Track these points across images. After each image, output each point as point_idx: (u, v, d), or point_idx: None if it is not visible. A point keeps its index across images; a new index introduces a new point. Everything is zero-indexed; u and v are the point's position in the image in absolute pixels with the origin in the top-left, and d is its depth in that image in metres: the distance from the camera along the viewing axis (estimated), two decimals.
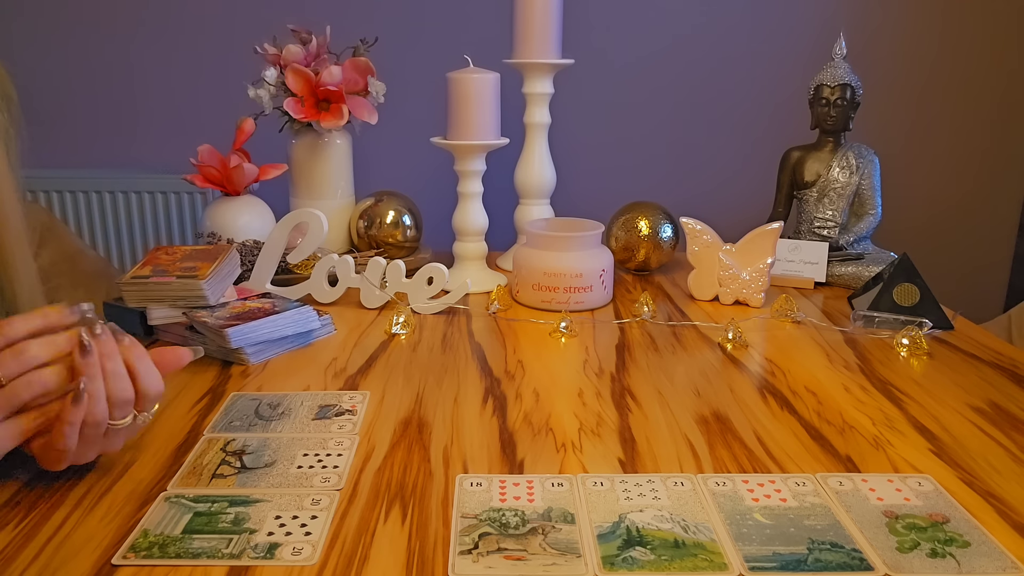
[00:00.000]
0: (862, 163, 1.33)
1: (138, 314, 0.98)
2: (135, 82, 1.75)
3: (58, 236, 1.25)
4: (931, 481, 0.67)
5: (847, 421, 0.78)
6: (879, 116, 1.74)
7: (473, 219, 1.21)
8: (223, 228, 1.21)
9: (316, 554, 0.56)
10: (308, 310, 0.98)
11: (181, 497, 0.63)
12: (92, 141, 1.78)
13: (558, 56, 1.27)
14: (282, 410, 0.79)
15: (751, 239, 1.16)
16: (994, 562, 0.55)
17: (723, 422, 0.78)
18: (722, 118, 1.77)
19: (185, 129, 1.77)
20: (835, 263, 1.28)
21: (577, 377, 0.89)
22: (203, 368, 0.91)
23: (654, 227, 1.30)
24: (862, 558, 0.56)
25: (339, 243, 1.33)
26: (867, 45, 1.70)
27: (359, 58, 1.27)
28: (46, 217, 1.26)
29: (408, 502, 0.63)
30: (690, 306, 1.17)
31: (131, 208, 1.76)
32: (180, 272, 0.96)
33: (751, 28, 1.72)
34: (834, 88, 1.31)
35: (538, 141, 1.32)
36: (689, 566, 0.55)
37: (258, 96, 1.26)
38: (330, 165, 1.30)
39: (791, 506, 0.62)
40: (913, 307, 1.07)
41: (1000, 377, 0.91)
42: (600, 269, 1.14)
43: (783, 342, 1.02)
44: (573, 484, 0.65)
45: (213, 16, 1.72)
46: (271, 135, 1.33)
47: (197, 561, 0.54)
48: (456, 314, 1.11)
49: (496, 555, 0.56)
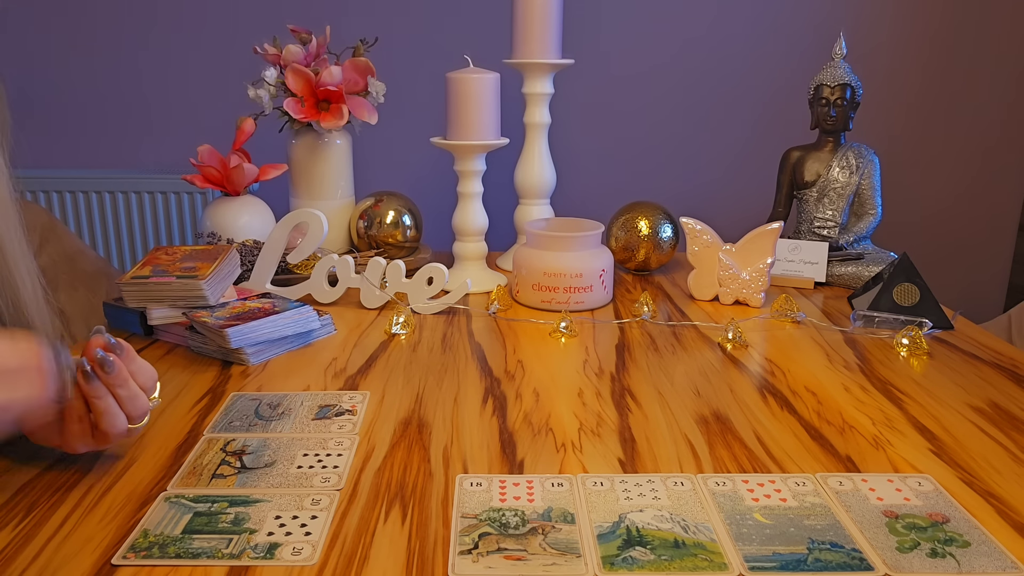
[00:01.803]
0: (862, 163, 1.33)
1: (138, 314, 0.98)
2: (135, 82, 1.75)
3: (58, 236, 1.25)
4: (931, 481, 0.66)
5: (847, 421, 0.78)
6: (879, 116, 1.74)
7: (473, 219, 1.21)
8: (223, 228, 1.21)
9: (316, 554, 0.56)
10: (308, 310, 0.98)
11: (181, 497, 0.63)
12: (92, 141, 1.79)
13: (558, 56, 1.27)
14: (282, 410, 0.79)
15: (751, 239, 1.16)
16: (994, 562, 0.55)
17: (723, 422, 0.78)
18: (722, 118, 1.77)
19: (185, 129, 1.77)
20: (835, 263, 1.28)
21: (577, 377, 0.89)
22: (203, 368, 0.91)
23: (654, 227, 1.30)
24: (862, 558, 0.56)
25: (339, 243, 1.33)
26: (867, 45, 1.70)
27: (359, 58, 1.27)
28: (46, 217, 1.26)
29: (408, 502, 0.63)
30: (690, 306, 1.17)
31: (131, 208, 1.76)
32: (180, 272, 0.96)
33: (751, 28, 1.72)
34: (834, 88, 1.31)
35: (538, 141, 1.32)
36: (689, 566, 0.55)
37: (258, 96, 1.26)
38: (330, 165, 1.30)
39: (791, 506, 0.62)
40: (913, 307, 1.07)
41: (1000, 377, 0.91)
42: (600, 269, 1.14)
43: (783, 342, 1.02)
44: (573, 484, 0.65)
45: (213, 16, 1.72)
46: (271, 135, 1.33)
47: (197, 561, 0.54)
48: (456, 314, 1.11)
49: (496, 555, 0.56)
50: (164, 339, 0.99)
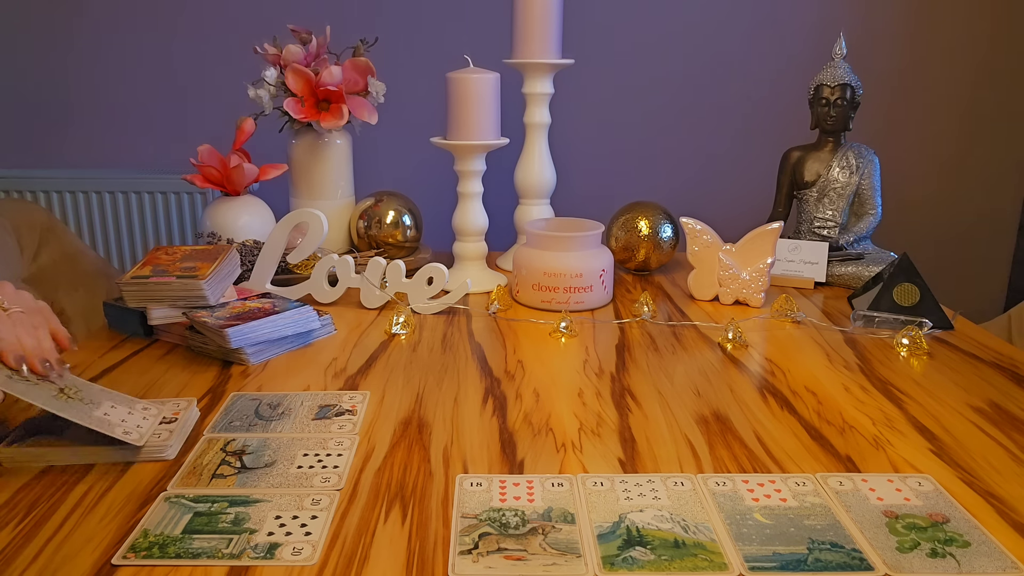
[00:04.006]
0: (862, 163, 1.33)
1: (138, 314, 0.98)
2: (135, 82, 1.75)
3: (58, 236, 1.25)
4: (931, 481, 0.66)
5: (847, 421, 0.78)
6: (879, 116, 1.74)
7: (473, 219, 1.21)
8: (223, 228, 1.21)
9: (316, 554, 0.56)
10: (308, 310, 0.98)
11: (181, 497, 0.63)
12: (92, 141, 1.79)
13: (558, 56, 1.27)
14: (282, 410, 0.79)
15: (751, 239, 1.16)
16: (994, 562, 0.55)
17: (723, 422, 0.78)
18: (722, 118, 1.77)
19: (185, 129, 1.77)
20: (835, 263, 1.28)
21: (577, 377, 0.89)
22: (203, 368, 0.91)
23: (654, 227, 1.30)
24: (862, 558, 0.56)
25: (339, 243, 1.33)
26: (867, 45, 1.70)
27: (359, 58, 1.27)
28: (46, 217, 1.26)
29: (408, 502, 0.63)
30: (690, 306, 1.17)
31: (131, 208, 1.76)
32: (180, 272, 0.96)
33: (751, 28, 1.72)
34: (834, 88, 1.31)
35: (538, 141, 1.32)
36: (689, 566, 0.55)
37: (258, 96, 1.26)
38: (330, 165, 1.30)
39: (791, 506, 0.62)
40: (913, 307, 1.07)
41: (1000, 377, 0.91)
42: (600, 269, 1.14)
43: (783, 342, 1.02)
44: (573, 484, 0.65)
45: (213, 16, 1.72)
46: (271, 135, 1.33)
47: (197, 561, 0.54)
48: (456, 314, 1.11)
49: (496, 555, 0.56)
50: (164, 339, 0.99)
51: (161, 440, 0.70)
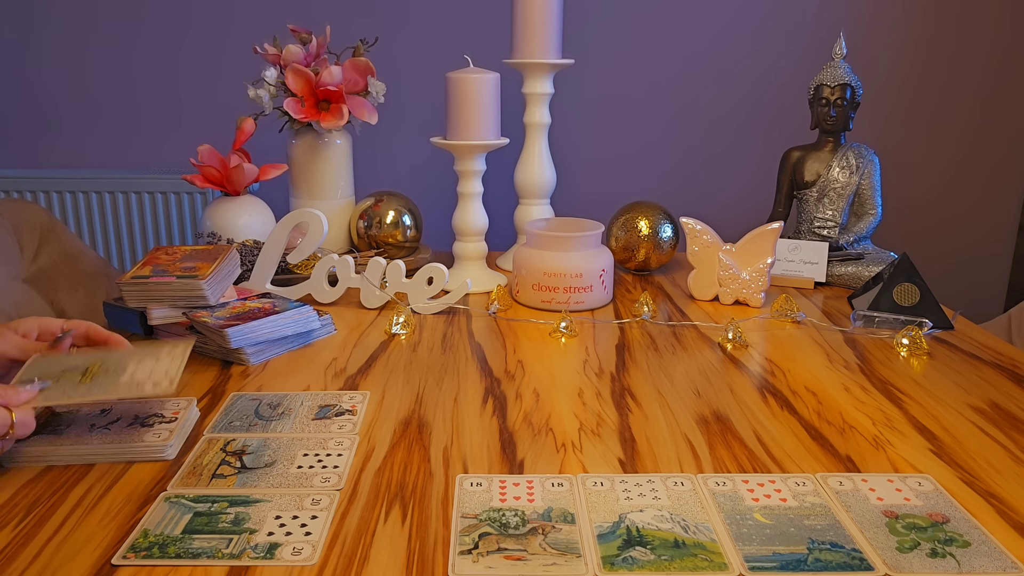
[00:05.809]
0: (862, 163, 1.33)
1: (138, 314, 0.98)
2: (135, 82, 1.75)
3: (58, 236, 1.25)
4: (931, 481, 0.67)
5: (847, 421, 0.78)
6: (879, 116, 1.74)
7: (473, 219, 1.21)
8: (223, 228, 1.21)
9: (316, 554, 0.56)
10: (308, 310, 0.98)
11: (181, 497, 0.63)
12: (92, 141, 1.79)
13: (558, 56, 1.27)
14: (282, 410, 0.79)
15: (751, 239, 1.16)
16: (994, 562, 0.55)
17: (723, 422, 0.78)
18: (722, 118, 1.77)
19: (185, 129, 1.77)
20: (835, 263, 1.28)
21: (577, 377, 0.89)
22: (203, 368, 0.91)
23: (654, 227, 1.30)
24: (862, 558, 0.56)
25: (339, 243, 1.33)
26: (867, 45, 1.70)
27: (359, 58, 1.27)
28: (46, 217, 1.26)
29: (408, 502, 0.63)
30: (690, 306, 1.17)
31: (131, 208, 1.76)
32: (180, 272, 0.96)
33: (751, 28, 1.72)
34: (834, 88, 1.31)
35: (538, 141, 1.32)
36: (689, 566, 0.55)
37: (258, 96, 1.26)
38: (330, 165, 1.30)
39: (791, 506, 0.62)
40: (913, 307, 1.07)
41: (1000, 377, 0.91)
42: (600, 269, 1.14)
43: (783, 342, 1.02)
44: (573, 484, 0.65)
45: (213, 16, 1.72)
46: (271, 135, 1.33)
47: (197, 561, 0.54)
48: (456, 314, 1.11)
49: (496, 555, 0.56)
50: (164, 339, 0.99)
51: (161, 440, 0.70)
